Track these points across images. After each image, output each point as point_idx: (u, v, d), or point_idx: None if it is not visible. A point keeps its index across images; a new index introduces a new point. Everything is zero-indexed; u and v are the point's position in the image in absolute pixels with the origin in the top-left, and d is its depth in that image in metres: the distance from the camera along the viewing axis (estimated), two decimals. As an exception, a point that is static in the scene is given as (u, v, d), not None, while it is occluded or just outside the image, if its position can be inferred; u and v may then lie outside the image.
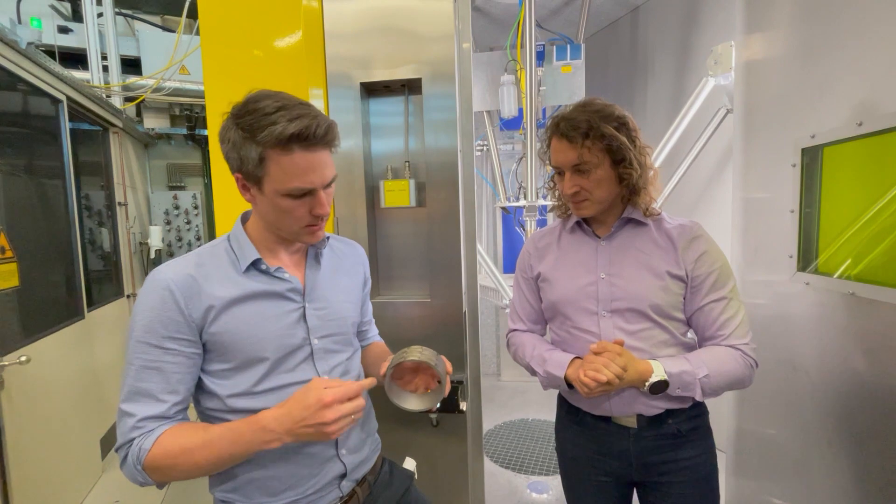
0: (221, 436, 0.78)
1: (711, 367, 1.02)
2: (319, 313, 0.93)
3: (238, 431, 0.78)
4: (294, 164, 0.79)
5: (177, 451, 0.77)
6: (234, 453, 0.78)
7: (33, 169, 2.39)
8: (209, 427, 0.80)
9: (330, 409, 0.76)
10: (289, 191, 0.81)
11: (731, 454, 1.79)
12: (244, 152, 0.79)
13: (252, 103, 0.80)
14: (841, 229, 1.23)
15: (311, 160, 0.80)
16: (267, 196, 0.83)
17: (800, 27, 1.38)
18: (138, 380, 0.79)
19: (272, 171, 0.80)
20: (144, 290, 0.81)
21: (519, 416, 3.23)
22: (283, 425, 0.77)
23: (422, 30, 1.39)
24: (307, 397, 0.77)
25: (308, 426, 0.76)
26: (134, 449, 0.77)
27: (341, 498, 0.94)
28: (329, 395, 0.76)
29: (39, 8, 3.42)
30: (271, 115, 0.77)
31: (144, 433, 0.78)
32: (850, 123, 1.16)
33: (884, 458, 1.11)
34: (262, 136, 0.77)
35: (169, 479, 0.80)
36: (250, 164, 0.80)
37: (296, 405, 0.77)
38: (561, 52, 2.70)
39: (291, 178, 0.80)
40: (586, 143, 1.02)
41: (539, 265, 1.21)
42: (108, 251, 3.29)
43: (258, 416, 0.78)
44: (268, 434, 0.77)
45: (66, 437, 2.38)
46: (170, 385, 0.80)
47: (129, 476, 0.79)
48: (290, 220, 0.85)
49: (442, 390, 0.93)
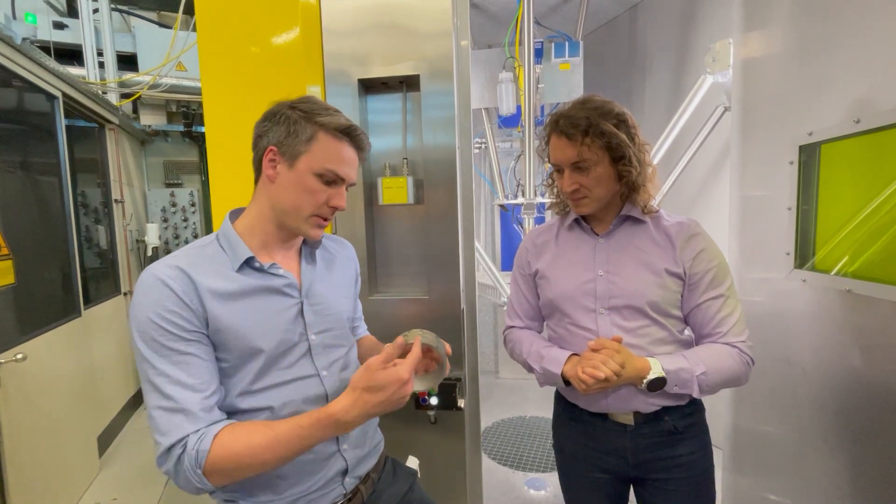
0: (290, 433, 0.77)
1: (709, 364, 1.03)
2: (316, 308, 0.93)
3: (308, 428, 0.77)
4: (340, 151, 0.88)
5: (242, 451, 0.75)
6: (302, 449, 0.79)
7: (29, 166, 2.38)
8: (271, 424, 0.79)
9: (408, 383, 0.79)
10: (323, 171, 0.87)
11: (728, 451, 1.80)
12: (296, 128, 0.86)
13: (311, 99, 0.90)
14: (838, 226, 1.23)
15: (352, 156, 0.90)
16: (296, 172, 0.86)
17: (798, 25, 1.38)
18: (167, 375, 0.76)
19: (316, 150, 0.86)
20: (141, 290, 0.79)
21: (517, 414, 3.24)
22: (360, 412, 0.77)
23: (420, 27, 1.39)
24: (378, 380, 0.77)
25: (389, 403, 0.78)
26: (190, 452, 0.73)
27: (345, 495, 0.94)
28: (406, 372, 0.78)
29: (35, 4, 3.39)
30: (329, 109, 0.89)
31: (198, 432, 0.75)
32: (847, 121, 1.17)
33: (879, 453, 1.12)
34: (321, 119, 0.86)
35: (229, 482, 0.78)
36: (299, 137, 0.86)
37: (368, 391, 0.77)
38: (559, 50, 2.69)
39: (331, 160, 0.87)
40: (586, 141, 1.02)
41: (537, 262, 1.21)
42: (104, 249, 3.28)
43: (324, 412, 0.77)
44: (343, 426, 0.78)
45: (63, 434, 2.37)
46: (203, 375, 0.78)
47: (183, 484, 0.75)
48: (308, 202, 0.87)
49: (442, 371, 0.93)
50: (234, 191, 1.37)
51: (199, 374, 0.78)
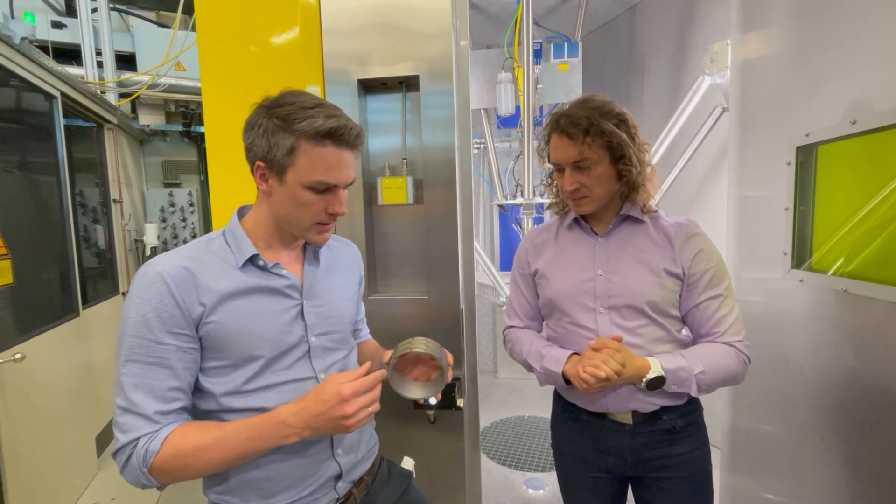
0: (237, 432, 0.77)
1: (707, 363, 1.03)
2: (317, 311, 0.93)
3: (255, 428, 0.77)
4: (324, 158, 0.82)
5: (189, 451, 0.75)
6: (251, 450, 0.78)
7: (27, 165, 2.37)
8: (221, 424, 0.79)
9: (349, 403, 0.77)
10: (313, 183, 0.82)
11: (726, 450, 1.80)
12: (275, 140, 0.81)
13: (289, 97, 0.82)
14: (835, 227, 1.24)
15: (340, 157, 0.83)
16: (287, 187, 0.83)
17: (795, 26, 1.39)
18: (136, 376, 0.76)
19: (300, 162, 0.81)
20: (138, 283, 0.78)
21: (516, 413, 3.24)
22: (302, 419, 0.77)
23: (419, 27, 1.39)
24: (324, 391, 0.77)
25: (327, 419, 0.77)
26: (139, 451, 0.74)
27: (337, 499, 0.93)
28: (347, 388, 0.77)
29: (33, 3, 3.38)
30: (308, 109, 0.80)
31: (149, 434, 0.75)
32: (843, 122, 1.17)
33: (876, 452, 1.13)
34: (298, 125, 0.79)
35: (177, 480, 0.77)
36: (279, 151, 0.81)
37: (313, 400, 0.77)
38: (558, 50, 2.70)
39: (318, 170, 0.82)
40: (587, 140, 1.03)
41: (536, 262, 1.22)
42: (103, 248, 3.27)
43: (275, 412, 0.78)
44: (287, 429, 0.77)
45: (62, 434, 2.37)
46: (170, 382, 0.78)
47: (131, 480, 0.77)
48: (306, 214, 0.85)
49: (443, 379, 0.93)
50: (234, 191, 1.37)
51: (166, 382, 0.78)
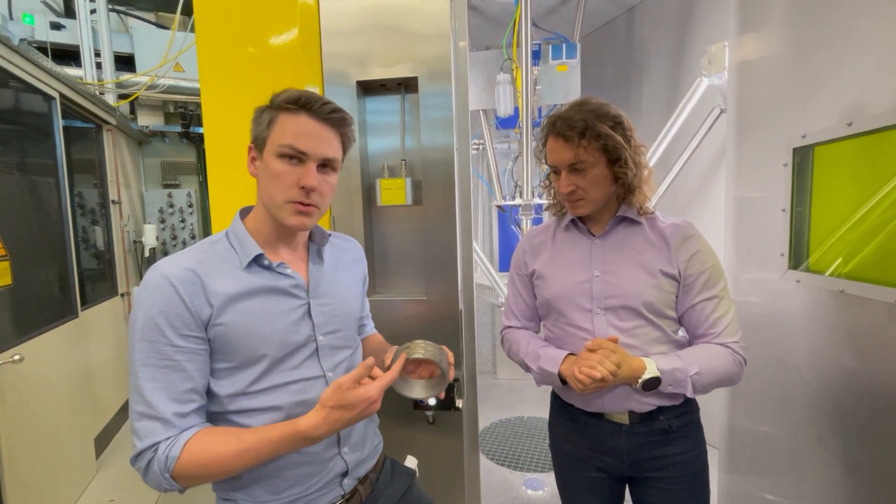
0: (258, 446, 0.78)
1: (702, 364, 1.04)
2: (325, 309, 0.93)
3: (277, 443, 0.78)
4: (296, 125, 0.84)
5: (209, 460, 0.76)
6: (272, 458, 0.80)
7: (26, 166, 2.37)
8: (241, 434, 0.79)
9: (377, 402, 0.81)
10: (281, 148, 0.83)
11: (723, 450, 1.81)
12: (261, 119, 0.86)
13: (289, 90, 0.87)
14: (831, 228, 1.25)
15: (314, 128, 0.85)
16: (265, 161, 0.85)
17: (792, 28, 1.40)
18: (153, 380, 0.76)
19: (275, 131, 0.84)
20: (146, 286, 0.78)
21: (514, 414, 3.24)
22: (329, 429, 0.79)
23: (418, 28, 1.39)
24: (347, 399, 0.77)
25: (357, 418, 0.80)
26: (160, 457, 0.75)
27: (343, 496, 0.94)
28: (375, 391, 0.79)
29: (32, 4, 3.39)
30: (297, 91, 0.85)
31: (169, 439, 0.76)
32: (840, 124, 1.18)
33: (873, 452, 1.13)
34: (278, 98, 0.84)
35: (198, 484, 0.79)
36: (262, 127, 0.85)
37: (338, 408, 0.78)
38: (556, 52, 2.71)
39: (287, 135, 0.83)
40: (582, 143, 1.03)
41: (534, 262, 1.22)
42: (101, 249, 3.27)
43: (296, 427, 0.78)
44: (310, 441, 0.79)
45: (60, 435, 2.37)
46: (185, 384, 0.78)
47: (153, 485, 0.77)
48: (277, 187, 0.84)
49: (444, 380, 0.94)
50: (233, 192, 1.37)
51: (181, 384, 0.78)
